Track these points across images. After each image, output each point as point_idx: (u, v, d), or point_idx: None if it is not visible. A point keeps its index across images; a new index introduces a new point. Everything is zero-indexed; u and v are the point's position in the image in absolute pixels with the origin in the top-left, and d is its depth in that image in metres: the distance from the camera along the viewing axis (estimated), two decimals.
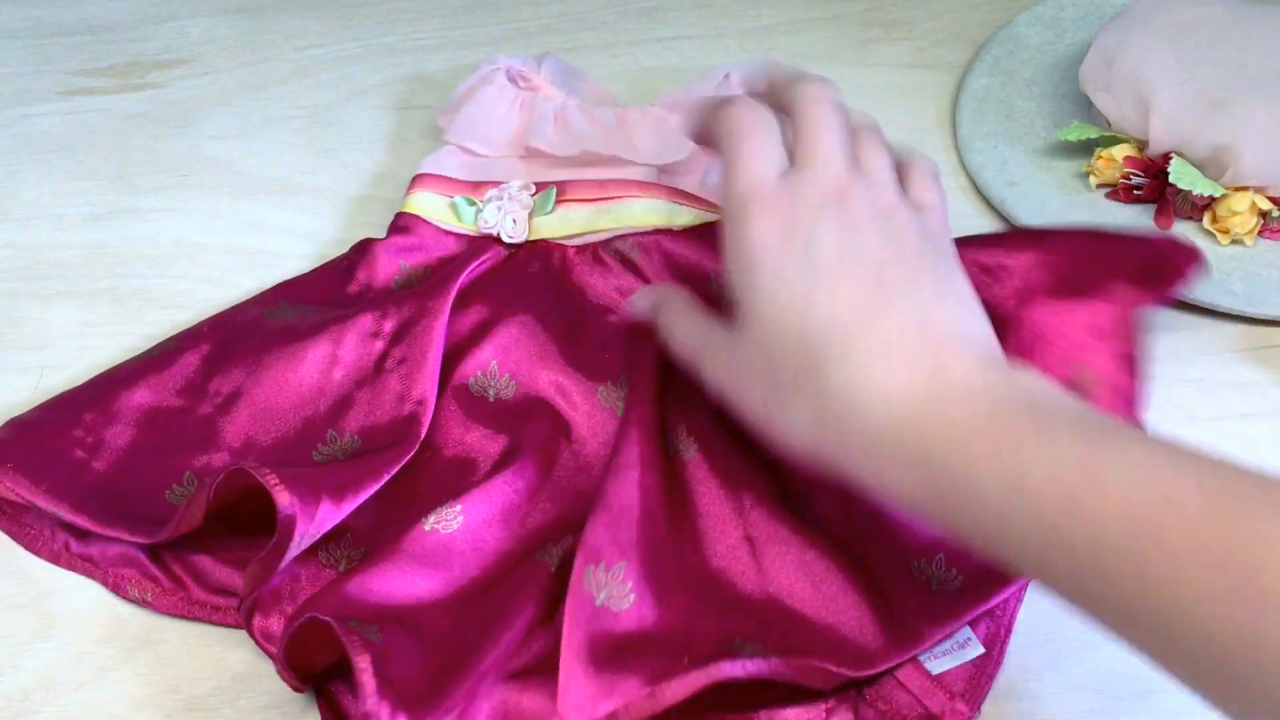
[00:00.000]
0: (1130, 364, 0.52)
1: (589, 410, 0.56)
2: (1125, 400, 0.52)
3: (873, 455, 0.44)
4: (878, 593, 0.49)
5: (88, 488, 0.53)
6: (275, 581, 0.49)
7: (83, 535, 0.53)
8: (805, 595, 0.49)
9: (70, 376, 0.59)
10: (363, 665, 0.43)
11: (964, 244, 0.57)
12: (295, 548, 0.47)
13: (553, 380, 0.56)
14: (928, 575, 0.50)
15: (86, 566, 0.53)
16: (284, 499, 0.47)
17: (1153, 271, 0.53)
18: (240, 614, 0.48)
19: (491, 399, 0.56)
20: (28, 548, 0.54)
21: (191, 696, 0.50)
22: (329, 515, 0.49)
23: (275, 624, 0.49)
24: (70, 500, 0.52)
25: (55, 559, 0.53)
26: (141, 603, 0.52)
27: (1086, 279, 0.54)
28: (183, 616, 0.51)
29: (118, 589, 0.52)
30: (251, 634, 0.49)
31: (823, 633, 0.48)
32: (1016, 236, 0.58)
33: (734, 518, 0.51)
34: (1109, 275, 0.54)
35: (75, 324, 0.62)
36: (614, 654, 0.46)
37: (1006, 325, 0.54)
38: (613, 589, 0.48)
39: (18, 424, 0.55)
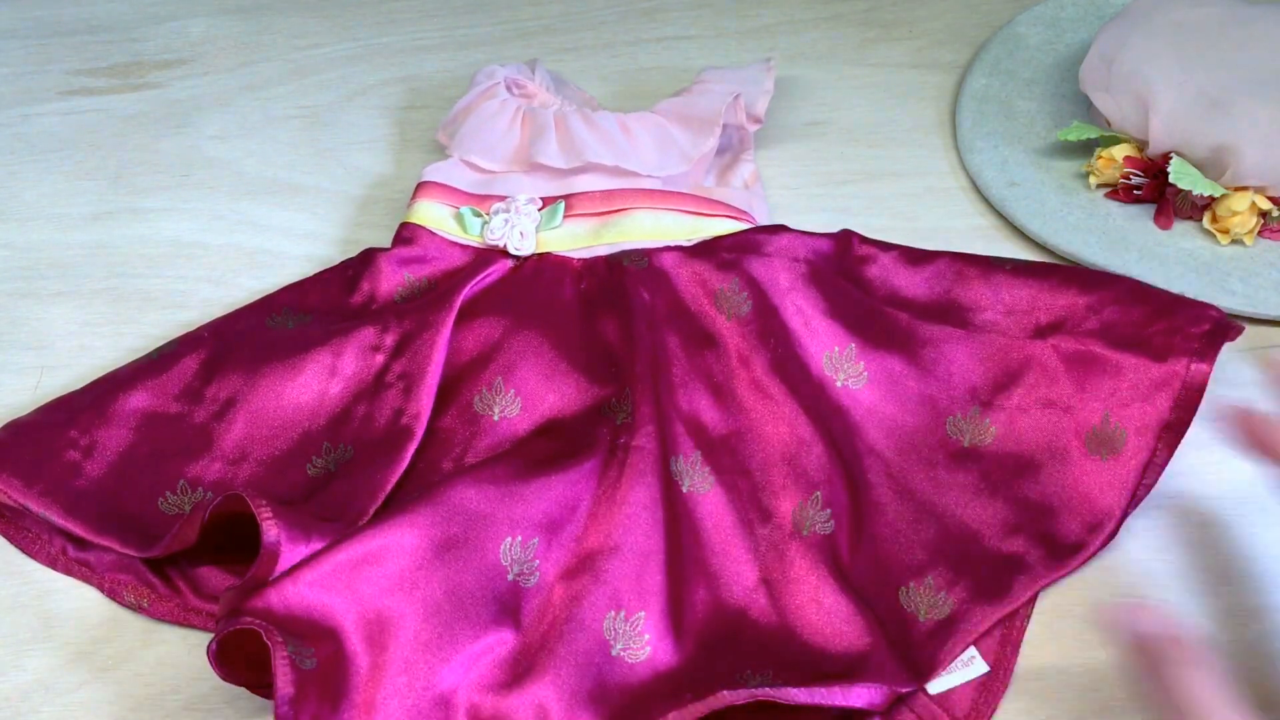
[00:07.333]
0: (1165, 434, 0.51)
1: (590, 423, 0.55)
2: (1142, 466, 0.51)
3: None
4: (880, 624, 0.49)
5: (80, 491, 0.52)
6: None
7: (80, 540, 0.53)
8: (817, 628, 0.49)
9: (70, 376, 0.59)
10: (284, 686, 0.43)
11: (998, 279, 0.56)
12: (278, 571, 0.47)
13: (558, 400, 0.56)
14: (915, 604, 0.50)
15: (83, 571, 0.53)
16: (271, 533, 0.46)
17: (1206, 343, 0.52)
18: (216, 630, 0.46)
19: (496, 418, 0.55)
20: (25, 551, 0.54)
21: (191, 696, 0.50)
22: (319, 543, 0.48)
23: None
24: (62, 504, 0.52)
25: (52, 563, 0.53)
26: (137, 608, 0.52)
27: (1135, 334, 0.53)
28: (178, 623, 0.51)
29: (114, 594, 0.52)
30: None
31: (834, 660, 0.48)
32: (1057, 273, 0.56)
33: (750, 559, 0.51)
34: (1161, 335, 0.53)
35: (75, 324, 0.62)
36: (621, 698, 0.47)
37: (1018, 362, 0.54)
38: (630, 640, 0.49)
39: (16, 426, 0.55)
